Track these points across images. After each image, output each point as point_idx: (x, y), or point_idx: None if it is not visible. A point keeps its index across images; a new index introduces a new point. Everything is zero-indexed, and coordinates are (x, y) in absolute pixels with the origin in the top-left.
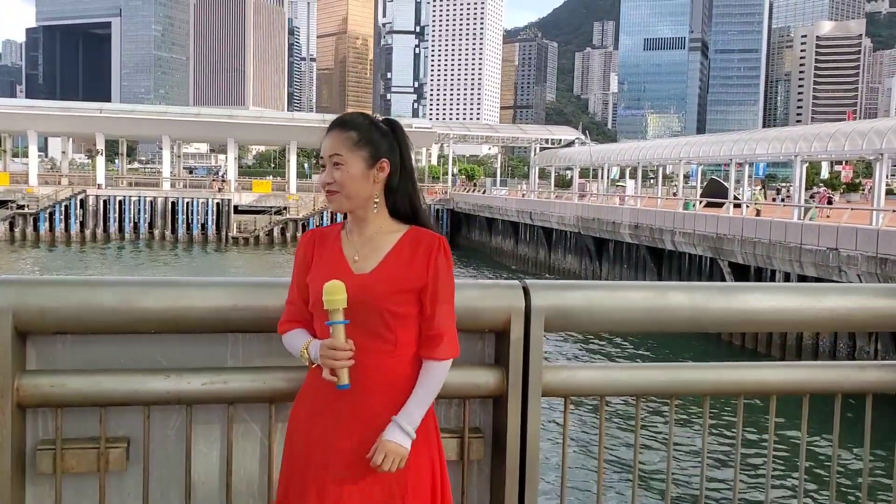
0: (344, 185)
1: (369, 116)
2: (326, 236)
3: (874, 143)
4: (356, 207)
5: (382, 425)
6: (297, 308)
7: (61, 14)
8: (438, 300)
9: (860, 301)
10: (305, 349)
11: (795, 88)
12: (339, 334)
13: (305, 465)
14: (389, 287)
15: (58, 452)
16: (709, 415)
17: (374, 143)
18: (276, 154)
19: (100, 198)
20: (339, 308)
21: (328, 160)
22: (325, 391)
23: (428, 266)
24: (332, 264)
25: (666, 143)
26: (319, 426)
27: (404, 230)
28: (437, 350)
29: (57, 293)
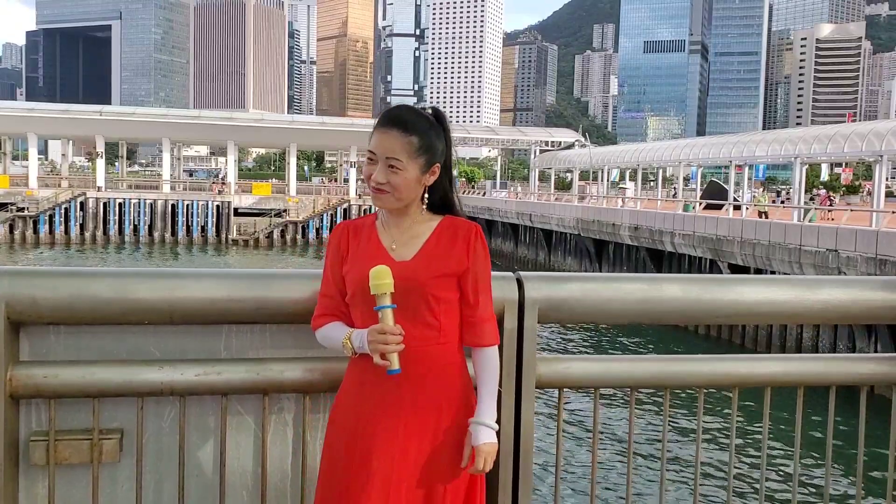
0: (397, 188)
1: (426, 116)
2: (360, 227)
3: (873, 145)
4: (402, 206)
5: (433, 412)
6: (334, 301)
7: (61, 17)
8: (480, 286)
9: (855, 293)
10: (348, 339)
11: (795, 91)
12: (387, 318)
13: (352, 452)
14: (432, 272)
15: (51, 444)
16: (703, 407)
17: (432, 149)
18: (276, 157)
19: (99, 200)
20: (387, 292)
21: (382, 160)
22: (371, 379)
23: (468, 252)
24: (370, 253)
25: (666, 146)
26: (367, 414)
27: (439, 219)
28: (485, 336)
29: (50, 283)
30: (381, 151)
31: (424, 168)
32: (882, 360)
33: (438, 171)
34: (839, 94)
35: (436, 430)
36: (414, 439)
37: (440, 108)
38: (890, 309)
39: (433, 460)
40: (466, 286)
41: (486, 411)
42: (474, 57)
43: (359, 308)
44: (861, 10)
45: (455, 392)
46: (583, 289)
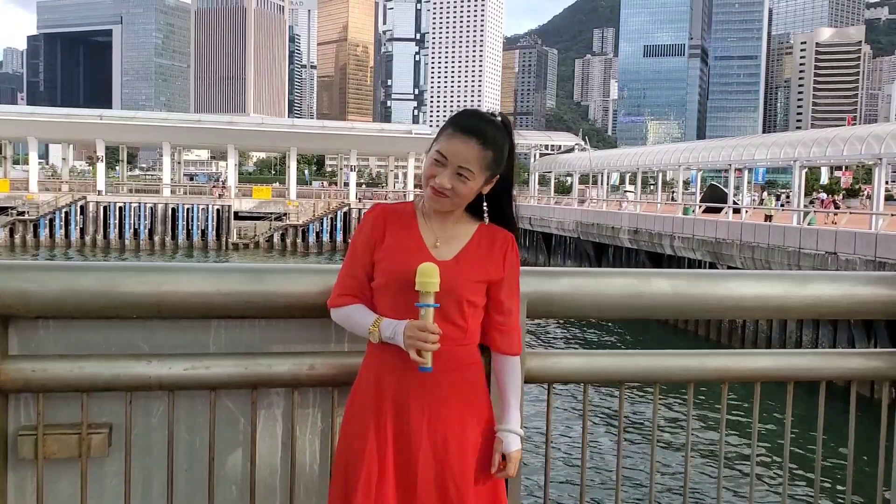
0: (460, 195)
1: (502, 129)
2: (400, 215)
3: (873, 148)
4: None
5: (457, 410)
6: (359, 283)
7: (62, 22)
8: (514, 295)
9: (844, 288)
10: (376, 327)
11: (795, 95)
12: (429, 317)
13: (374, 444)
14: (470, 276)
15: (39, 438)
16: (693, 402)
17: (500, 164)
18: (276, 161)
19: (100, 204)
20: (432, 291)
21: (453, 166)
22: (391, 372)
23: (505, 260)
24: (411, 245)
25: (665, 149)
26: (391, 407)
27: (477, 223)
28: (515, 345)
29: (39, 277)
30: (455, 159)
31: (489, 179)
32: (871, 355)
33: (495, 182)
34: (839, 97)
35: (461, 429)
36: (439, 435)
37: (507, 118)
38: (879, 304)
39: (460, 457)
40: (500, 294)
41: (514, 419)
42: (474, 61)
43: (390, 297)
44: (861, 14)
45: (479, 393)
46: (572, 283)
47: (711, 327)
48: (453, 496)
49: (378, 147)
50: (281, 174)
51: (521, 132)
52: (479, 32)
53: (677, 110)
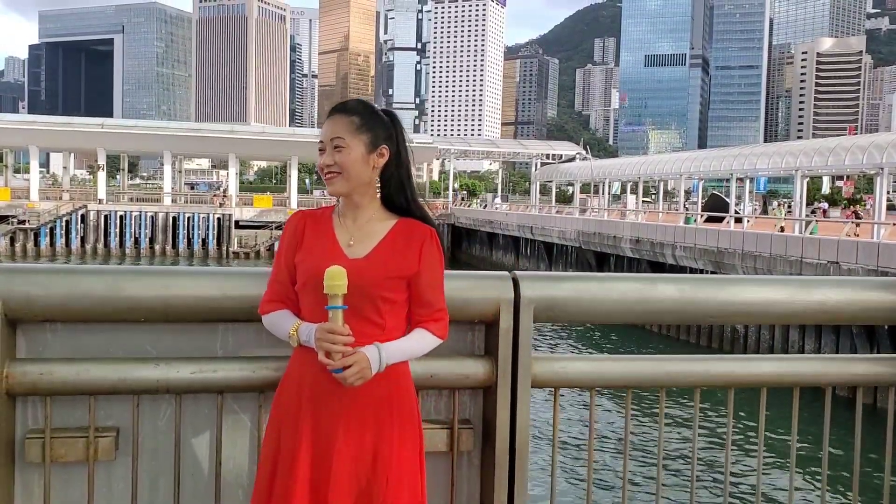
0: (345, 167)
1: (370, 104)
2: (318, 218)
3: (874, 158)
4: (353, 191)
5: (373, 410)
6: (284, 287)
7: (64, 31)
8: (433, 286)
9: (850, 294)
10: (295, 331)
11: (796, 105)
12: (337, 319)
13: (290, 445)
14: (382, 273)
15: (47, 441)
16: (699, 407)
17: (375, 129)
18: (277, 170)
19: (101, 213)
20: (340, 294)
21: (329, 143)
22: (312, 373)
23: (420, 255)
24: (324, 246)
25: (667, 159)
26: (308, 408)
27: (396, 220)
28: (436, 325)
29: (45, 281)
30: (326, 136)
31: (369, 146)
32: (877, 360)
33: (387, 154)
34: (840, 107)
35: (377, 429)
36: (354, 435)
37: (393, 111)
38: (884, 310)
39: (375, 458)
40: (419, 287)
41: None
42: (475, 71)
43: (308, 298)
44: (861, 25)
45: (401, 391)
46: (578, 288)
47: (714, 336)
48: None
49: None
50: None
51: (522, 141)
52: (480, 42)
53: (678, 120)
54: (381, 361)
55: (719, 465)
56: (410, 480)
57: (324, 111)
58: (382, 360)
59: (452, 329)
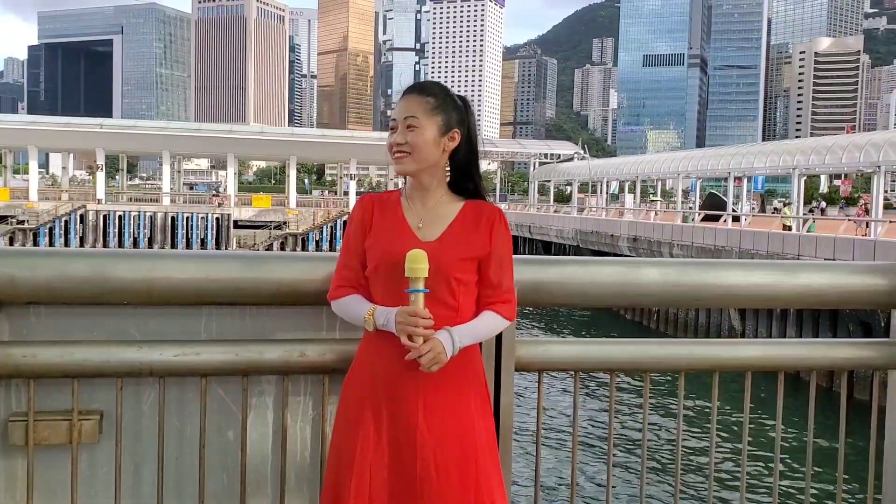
0: (416, 147)
1: (446, 87)
2: (385, 202)
3: (871, 156)
4: (421, 172)
5: (450, 393)
6: (354, 273)
7: (63, 32)
8: (503, 267)
9: (834, 278)
10: (371, 315)
11: (794, 104)
12: (419, 302)
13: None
14: (456, 254)
15: (30, 424)
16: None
17: (449, 112)
18: (276, 170)
19: (100, 213)
20: (421, 277)
21: (402, 122)
22: (386, 357)
23: (492, 235)
24: (395, 230)
25: (665, 158)
26: (385, 392)
27: (464, 202)
28: (505, 307)
29: (29, 263)
30: (400, 114)
31: (442, 129)
32: (861, 344)
33: (458, 138)
34: (838, 107)
35: (456, 410)
36: (434, 419)
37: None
38: (868, 293)
39: (461, 441)
40: (488, 269)
41: (458, 329)
42: (474, 71)
43: (381, 283)
44: (859, 24)
45: (474, 375)
46: (563, 272)
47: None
48: (453, 482)
49: (378, 156)
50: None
51: (521, 141)
52: (478, 42)
53: (676, 120)
54: (455, 345)
55: (704, 449)
56: (493, 458)
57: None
58: (456, 345)
59: None
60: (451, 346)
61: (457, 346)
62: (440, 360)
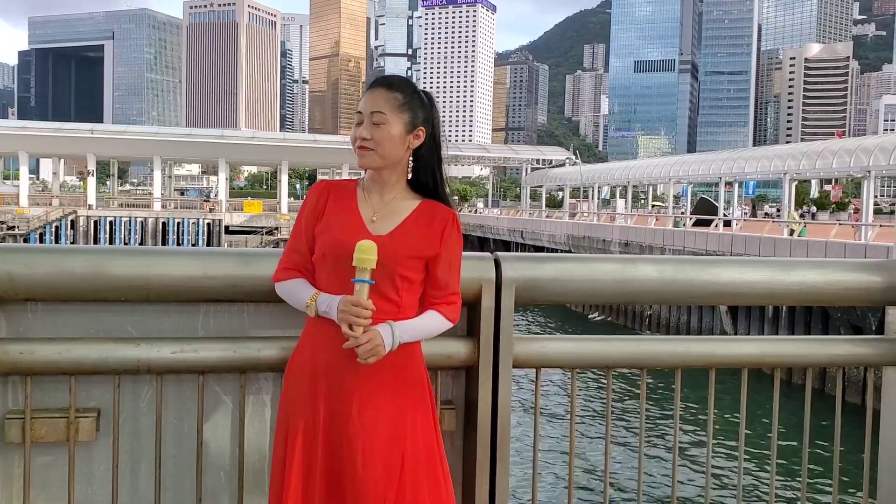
0: (381, 143)
1: (412, 82)
2: (342, 189)
3: (862, 161)
4: (384, 168)
5: (386, 385)
6: (302, 257)
7: (54, 37)
8: (451, 269)
9: (829, 275)
10: (314, 301)
11: (785, 110)
12: (363, 293)
13: (308, 413)
14: (404, 251)
15: (27, 421)
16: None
17: (415, 109)
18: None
19: (90, 218)
20: (368, 268)
21: (368, 116)
22: (326, 344)
23: (442, 237)
24: (347, 220)
25: (656, 163)
26: (322, 380)
27: (420, 200)
28: (449, 308)
29: (26, 259)
30: (367, 108)
31: (408, 126)
32: (857, 341)
33: (423, 136)
34: (828, 112)
35: (391, 407)
36: (368, 410)
37: (431, 93)
38: (862, 290)
39: (391, 435)
40: (437, 269)
41: (398, 324)
42: (466, 76)
43: (327, 271)
44: (848, 31)
45: (412, 368)
46: (559, 269)
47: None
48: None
49: None
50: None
51: (512, 146)
52: (470, 48)
53: (668, 125)
54: (395, 340)
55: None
56: (428, 456)
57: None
58: (396, 339)
59: None
60: (390, 339)
61: (396, 340)
62: (377, 352)
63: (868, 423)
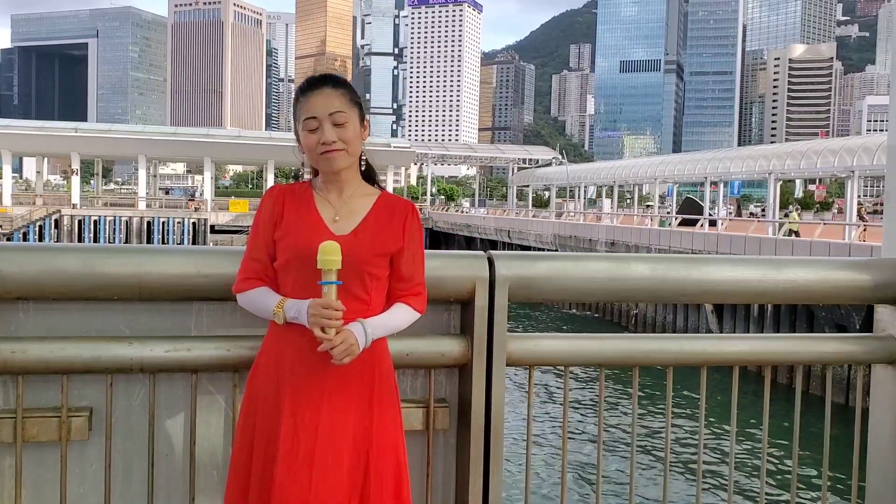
0: (350, 142)
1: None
2: (297, 193)
3: (845, 161)
4: (350, 167)
5: (359, 387)
6: (262, 265)
7: (37, 35)
8: (415, 261)
9: (820, 273)
10: (281, 308)
11: (769, 110)
12: (331, 294)
13: (272, 418)
14: (370, 249)
15: (18, 421)
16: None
17: (359, 101)
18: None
19: (74, 218)
20: (334, 269)
21: (326, 118)
22: (293, 350)
23: (404, 230)
24: (307, 222)
25: (642, 163)
26: (290, 386)
27: (377, 194)
28: (416, 300)
29: (17, 258)
30: (323, 110)
31: (360, 119)
32: (847, 339)
33: (368, 127)
34: (812, 113)
35: (361, 405)
36: (339, 412)
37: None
38: (853, 288)
39: (361, 434)
40: (400, 263)
41: (369, 321)
42: (452, 76)
43: (292, 276)
44: (832, 32)
45: (382, 367)
46: (552, 267)
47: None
48: (359, 472)
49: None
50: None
51: (499, 146)
52: (456, 47)
53: (653, 125)
54: (367, 337)
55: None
56: (393, 456)
57: None
58: (368, 336)
59: (429, 308)
60: (363, 337)
61: (369, 337)
62: (352, 351)
63: (857, 420)
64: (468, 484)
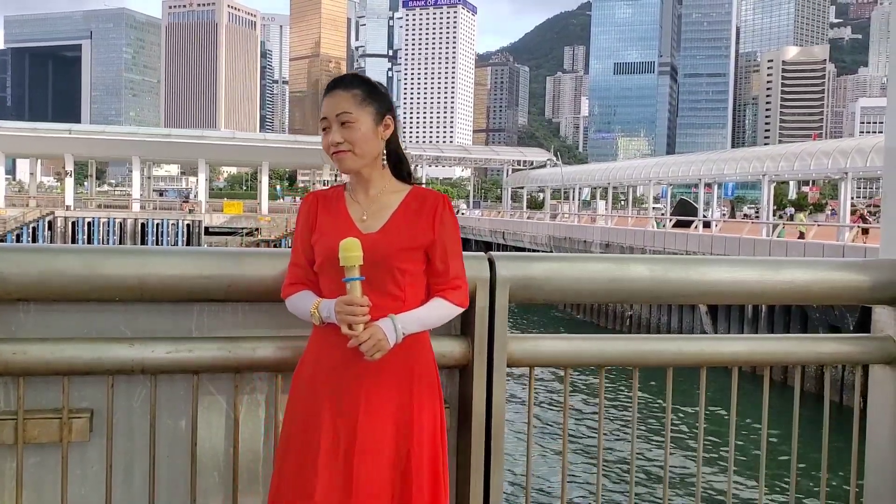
0: (355, 143)
1: (366, 76)
2: (329, 198)
3: (839, 163)
4: (364, 167)
5: (395, 384)
6: (303, 270)
7: (31, 36)
8: (449, 254)
9: (818, 274)
10: (315, 308)
11: (763, 112)
12: (355, 290)
13: (312, 419)
14: (398, 245)
15: (19, 422)
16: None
17: (377, 100)
18: (248, 176)
19: (68, 219)
20: (356, 265)
21: (334, 120)
22: (329, 350)
23: (434, 222)
24: (338, 224)
25: (636, 164)
26: (328, 384)
27: (407, 189)
28: (454, 293)
29: (18, 259)
30: (330, 112)
31: (376, 118)
32: (845, 340)
33: (392, 125)
34: (805, 115)
35: (399, 402)
36: (375, 409)
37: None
38: (850, 289)
39: (398, 431)
40: (434, 256)
41: (401, 316)
42: (447, 78)
43: (327, 278)
44: (825, 34)
45: (422, 362)
46: (552, 268)
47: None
48: (399, 469)
49: None
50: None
51: (493, 148)
52: (451, 49)
53: (647, 127)
54: (398, 332)
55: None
56: (431, 451)
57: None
58: (398, 331)
59: None
60: (392, 332)
61: (399, 332)
62: (382, 346)
63: (855, 420)
64: (469, 484)
